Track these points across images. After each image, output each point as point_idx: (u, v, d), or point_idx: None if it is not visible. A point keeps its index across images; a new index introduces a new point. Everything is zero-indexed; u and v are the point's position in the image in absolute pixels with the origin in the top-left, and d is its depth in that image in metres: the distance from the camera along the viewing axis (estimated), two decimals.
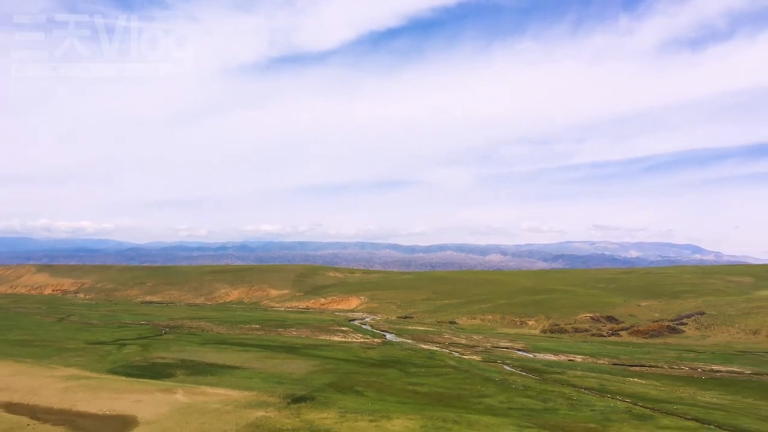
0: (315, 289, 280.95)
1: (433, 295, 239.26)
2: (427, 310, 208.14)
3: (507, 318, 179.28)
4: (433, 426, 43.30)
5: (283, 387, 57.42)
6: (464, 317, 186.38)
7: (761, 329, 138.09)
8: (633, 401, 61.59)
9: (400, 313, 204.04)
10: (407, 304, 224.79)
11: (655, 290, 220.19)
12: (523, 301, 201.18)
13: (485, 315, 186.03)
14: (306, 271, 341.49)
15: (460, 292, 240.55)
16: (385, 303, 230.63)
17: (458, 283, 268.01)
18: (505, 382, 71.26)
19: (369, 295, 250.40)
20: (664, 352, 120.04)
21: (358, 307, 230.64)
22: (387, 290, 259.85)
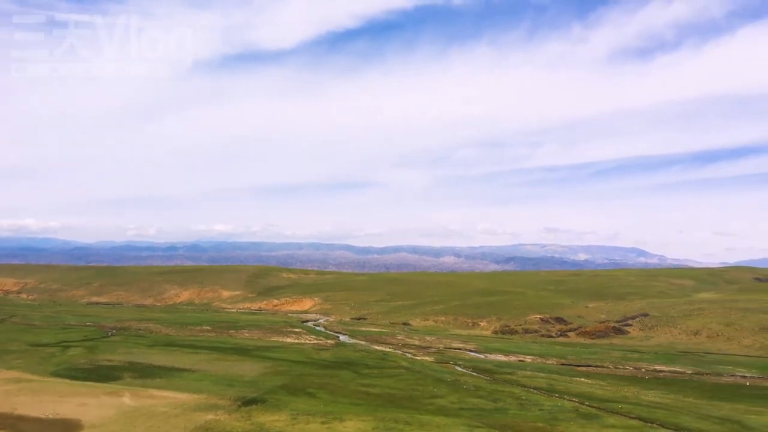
0: (268, 290, 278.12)
1: (387, 297, 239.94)
2: (381, 311, 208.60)
3: (460, 319, 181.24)
4: (385, 427, 43.51)
5: (234, 389, 56.72)
6: (418, 318, 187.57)
7: (702, 330, 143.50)
8: (580, 401, 63.21)
9: (354, 315, 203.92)
10: (361, 305, 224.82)
11: (602, 292, 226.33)
12: (476, 302, 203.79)
13: (438, 316, 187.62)
14: (259, 271, 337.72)
15: (413, 293, 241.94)
16: (339, 304, 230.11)
17: (412, 285, 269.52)
18: (457, 382, 72.10)
19: (323, 296, 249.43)
20: (610, 352, 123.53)
21: (312, 309, 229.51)
22: (341, 291, 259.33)
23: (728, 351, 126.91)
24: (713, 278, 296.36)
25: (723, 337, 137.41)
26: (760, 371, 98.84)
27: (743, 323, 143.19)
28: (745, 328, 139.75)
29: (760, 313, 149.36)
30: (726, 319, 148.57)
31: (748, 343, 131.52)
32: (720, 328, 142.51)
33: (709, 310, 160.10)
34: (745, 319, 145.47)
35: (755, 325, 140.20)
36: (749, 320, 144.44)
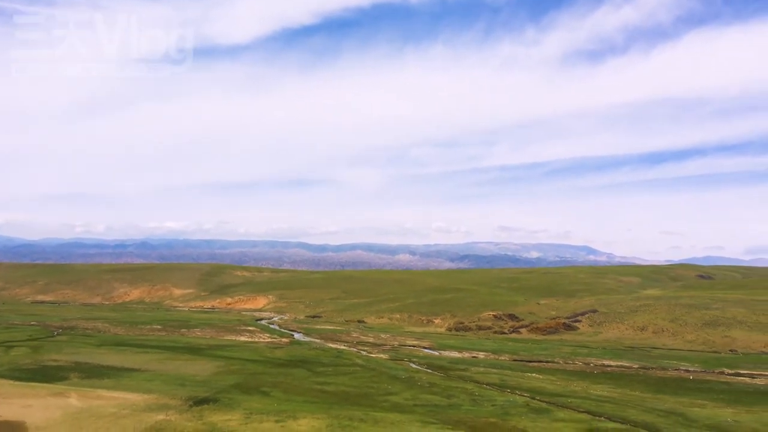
0: (221, 289, 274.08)
1: (342, 295, 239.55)
2: (336, 309, 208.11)
3: (414, 317, 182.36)
4: (339, 425, 43.41)
5: (186, 389, 55.67)
6: (373, 316, 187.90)
7: (648, 326, 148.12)
8: (531, 395, 64.41)
9: (308, 313, 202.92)
10: (316, 303, 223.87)
11: (553, 289, 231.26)
12: (430, 300, 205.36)
13: (393, 314, 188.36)
14: (212, 269, 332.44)
15: (369, 291, 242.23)
16: (293, 302, 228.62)
17: (367, 283, 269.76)
18: (411, 379, 72.53)
19: (277, 294, 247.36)
20: (560, 348, 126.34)
21: (266, 307, 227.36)
22: (296, 289, 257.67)
23: (673, 346, 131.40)
24: (659, 276, 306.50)
25: (668, 333, 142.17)
26: (702, 365, 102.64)
27: (687, 319, 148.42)
28: (688, 324, 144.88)
29: (703, 309, 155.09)
30: (671, 315, 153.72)
31: (691, 338, 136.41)
32: (665, 324, 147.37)
33: (655, 306, 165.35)
34: (689, 315, 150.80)
35: (698, 321, 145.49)
36: (693, 316, 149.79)
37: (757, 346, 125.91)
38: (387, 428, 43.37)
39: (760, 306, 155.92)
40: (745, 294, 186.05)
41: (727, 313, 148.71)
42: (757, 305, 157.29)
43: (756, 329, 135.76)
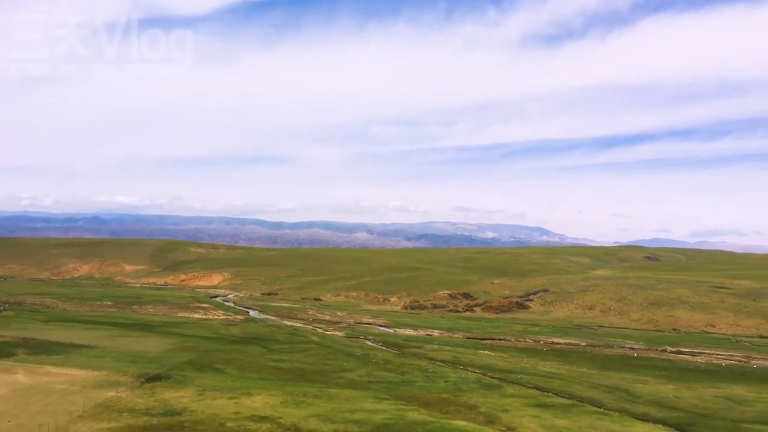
0: (175, 265, 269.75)
1: (299, 272, 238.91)
2: (292, 286, 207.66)
3: (371, 295, 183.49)
4: (294, 401, 43.67)
5: (137, 366, 54.99)
6: (329, 294, 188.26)
7: (596, 305, 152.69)
8: (483, 372, 65.93)
9: (264, 290, 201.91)
10: (272, 280, 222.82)
11: (507, 269, 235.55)
12: (387, 278, 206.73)
13: (350, 292, 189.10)
14: (165, 246, 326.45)
15: (326, 269, 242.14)
16: (249, 279, 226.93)
17: (324, 261, 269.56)
18: (367, 356, 73.26)
19: (233, 271, 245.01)
20: (512, 326, 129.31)
21: (221, 284, 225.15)
22: (252, 266, 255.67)
23: (619, 324, 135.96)
24: (608, 256, 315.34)
25: (615, 312, 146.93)
26: (646, 343, 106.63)
27: (633, 299, 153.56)
28: (634, 303, 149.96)
29: (648, 289, 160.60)
30: (618, 294, 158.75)
31: (636, 317, 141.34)
32: (612, 303, 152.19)
33: (603, 286, 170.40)
34: (635, 295, 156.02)
35: (644, 301, 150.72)
36: (638, 296, 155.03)
37: (698, 326, 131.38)
38: (341, 404, 43.84)
39: (702, 287, 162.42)
40: (688, 275, 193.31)
41: (672, 294, 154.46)
42: (700, 286, 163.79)
43: (698, 309, 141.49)
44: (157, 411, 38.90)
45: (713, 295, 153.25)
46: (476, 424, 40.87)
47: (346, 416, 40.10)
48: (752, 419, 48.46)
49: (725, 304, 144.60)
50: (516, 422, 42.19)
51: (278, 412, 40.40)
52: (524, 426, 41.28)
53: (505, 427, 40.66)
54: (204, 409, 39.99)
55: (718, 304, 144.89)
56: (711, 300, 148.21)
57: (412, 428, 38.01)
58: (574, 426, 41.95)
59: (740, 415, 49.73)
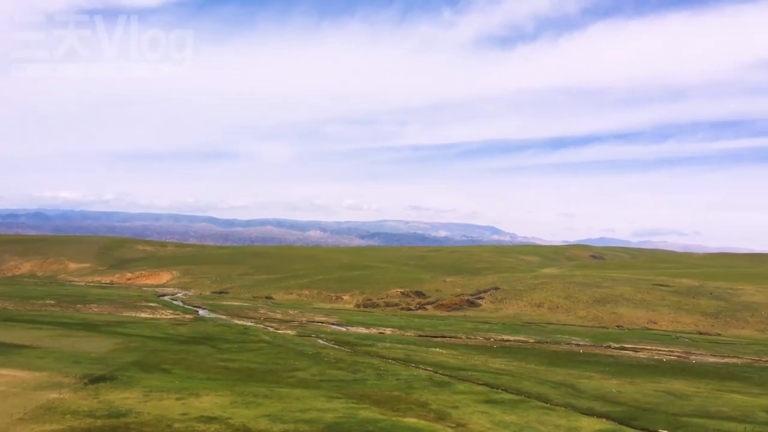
0: (121, 263, 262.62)
1: (250, 270, 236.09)
2: (243, 285, 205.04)
3: (323, 293, 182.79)
4: (243, 401, 43.14)
5: (80, 367, 53.30)
6: (281, 292, 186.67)
7: (544, 303, 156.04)
8: (434, 369, 66.51)
9: (215, 288, 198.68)
10: (223, 279, 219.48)
11: (459, 267, 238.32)
12: (340, 276, 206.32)
13: (302, 290, 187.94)
14: (111, 243, 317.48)
15: (278, 267, 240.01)
16: (199, 278, 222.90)
17: (277, 259, 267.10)
18: (318, 355, 72.94)
19: (182, 269, 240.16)
20: (463, 323, 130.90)
21: (170, 282, 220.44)
22: (202, 265, 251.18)
23: (566, 321, 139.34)
24: (556, 255, 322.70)
25: (562, 309, 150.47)
26: (592, 340, 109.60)
27: (580, 296, 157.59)
28: (581, 301, 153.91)
29: (594, 287, 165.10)
30: (565, 292, 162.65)
31: (583, 314, 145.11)
32: (560, 301, 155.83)
33: (551, 284, 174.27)
34: (582, 293, 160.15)
35: (590, 298, 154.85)
36: (585, 294, 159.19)
37: (640, 322, 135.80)
38: (292, 404, 43.54)
39: (645, 285, 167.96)
40: (632, 274, 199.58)
41: (616, 292, 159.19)
42: (642, 284, 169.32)
43: (640, 306, 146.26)
44: (102, 413, 37.85)
45: (655, 292, 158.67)
46: (427, 421, 41.21)
47: (297, 416, 39.86)
48: (691, 413, 50.40)
49: (666, 301, 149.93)
50: (466, 418, 42.74)
51: (227, 412, 39.84)
52: (474, 422, 41.86)
53: (455, 424, 41.13)
54: (150, 410, 39.11)
55: (660, 301, 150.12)
56: (653, 297, 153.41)
57: (363, 426, 38.06)
58: (522, 421, 42.78)
59: (679, 409, 51.64)
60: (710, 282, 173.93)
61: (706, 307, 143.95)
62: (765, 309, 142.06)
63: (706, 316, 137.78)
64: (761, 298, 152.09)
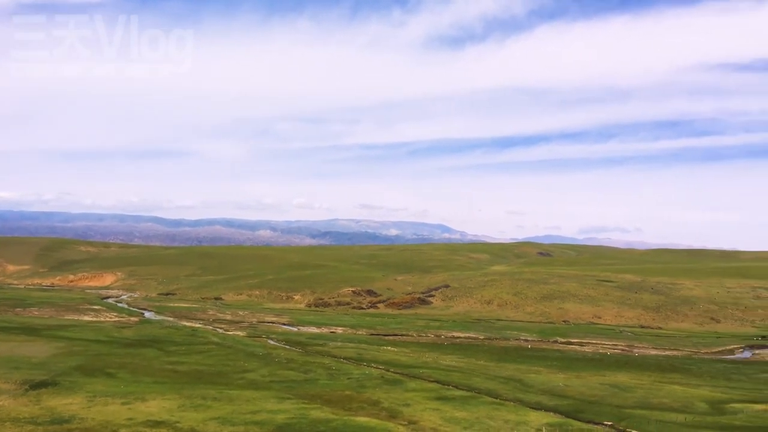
0: (63, 265, 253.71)
1: (198, 271, 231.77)
2: (191, 286, 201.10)
3: (274, 293, 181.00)
4: (192, 404, 42.33)
5: (20, 372, 51.22)
6: (231, 293, 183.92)
7: (493, 300, 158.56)
8: (386, 368, 66.74)
9: (161, 290, 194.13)
10: (170, 280, 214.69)
11: (410, 265, 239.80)
12: (291, 276, 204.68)
13: (252, 290, 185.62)
14: (52, 244, 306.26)
15: (227, 267, 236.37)
16: (145, 279, 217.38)
17: (226, 259, 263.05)
18: (269, 356, 72.19)
19: (127, 271, 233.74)
20: (415, 321, 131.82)
21: (114, 284, 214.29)
22: (148, 266, 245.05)
23: (515, 318, 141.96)
24: (505, 253, 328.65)
25: (511, 306, 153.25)
26: (539, 335, 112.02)
27: (528, 293, 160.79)
28: (529, 297, 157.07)
29: (542, 284, 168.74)
30: (514, 289, 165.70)
31: (531, 310, 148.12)
32: (509, 298, 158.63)
33: (500, 281, 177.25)
34: (530, 290, 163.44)
35: (537, 295, 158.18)
36: (533, 290, 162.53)
37: (586, 317, 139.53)
38: (242, 405, 42.95)
39: (590, 281, 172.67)
40: (578, 270, 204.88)
41: (563, 288, 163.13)
42: (587, 280, 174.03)
43: (586, 302, 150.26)
44: (44, 419, 36.49)
45: (599, 288, 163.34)
46: (379, 419, 41.31)
47: (247, 417, 39.34)
48: (633, 405, 52.12)
49: (610, 296, 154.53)
50: (417, 416, 43.03)
51: (175, 416, 39.00)
52: (425, 419, 42.19)
53: (406, 421, 41.35)
54: (95, 416, 37.94)
55: (604, 296, 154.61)
56: (597, 293, 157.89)
57: (314, 426, 37.86)
58: (472, 417, 43.36)
59: (623, 401, 53.33)
60: (651, 277, 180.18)
61: (647, 302, 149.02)
62: (703, 303, 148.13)
63: (648, 311, 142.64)
64: (699, 292, 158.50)
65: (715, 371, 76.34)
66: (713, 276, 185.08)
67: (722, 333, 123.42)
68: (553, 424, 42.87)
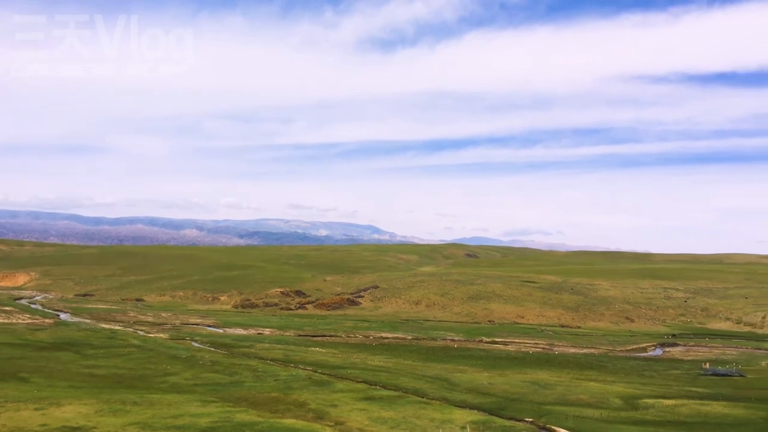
0: None
1: (119, 271, 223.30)
2: (111, 286, 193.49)
3: (199, 294, 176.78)
4: (110, 409, 40.77)
5: None
6: (153, 294, 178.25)
7: (422, 300, 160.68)
8: (314, 369, 66.44)
9: (78, 291, 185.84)
10: (88, 280, 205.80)
11: (339, 266, 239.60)
12: (217, 277, 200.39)
13: (176, 291, 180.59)
14: None
15: (150, 268, 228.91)
16: (61, 279, 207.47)
17: (148, 259, 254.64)
18: (193, 358, 70.44)
19: (42, 270, 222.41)
20: (344, 322, 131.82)
21: (28, 284, 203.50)
22: (64, 265, 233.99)
23: (442, 318, 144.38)
24: (434, 254, 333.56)
25: (438, 306, 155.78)
26: (465, 335, 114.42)
27: (455, 293, 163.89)
28: (456, 298, 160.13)
29: (468, 284, 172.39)
30: (442, 290, 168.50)
31: (458, 310, 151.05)
32: (436, 298, 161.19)
33: (428, 282, 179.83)
34: (457, 290, 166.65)
35: (464, 295, 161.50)
36: (460, 291, 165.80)
37: (510, 317, 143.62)
38: (163, 410, 41.72)
39: (514, 282, 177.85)
40: (503, 271, 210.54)
41: (488, 288, 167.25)
42: (512, 281, 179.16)
43: (510, 302, 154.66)
44: None
45: (523, 288, 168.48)
46: (305, 421, 41.10)
47: (169, 422, 38.25)
48: (553, 401, 54.09)
49: (533, 296, 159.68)
50: (345, 416, 43.09)
51: (92, 421, 37.46)
52: (352, 420, 42.30)
53: (333, 422, 41.33)
54: (5, 422, 35.92)
55: (527, 297, 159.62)
56: (521, 293, 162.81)
57: (239, 429, 37.26)
58: (399, 416, 43.82)
59: (543, 398, 55.24)
60: (571, 278, 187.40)
61: (567, 302, 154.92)
62: (618, 303, 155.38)
63: (568, 310, 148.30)
64: (615, 292, 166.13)
65: (629, 368, 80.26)
66: (628, 277, 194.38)
67: (636, 331, 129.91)
68: (477, 421, 43.89)
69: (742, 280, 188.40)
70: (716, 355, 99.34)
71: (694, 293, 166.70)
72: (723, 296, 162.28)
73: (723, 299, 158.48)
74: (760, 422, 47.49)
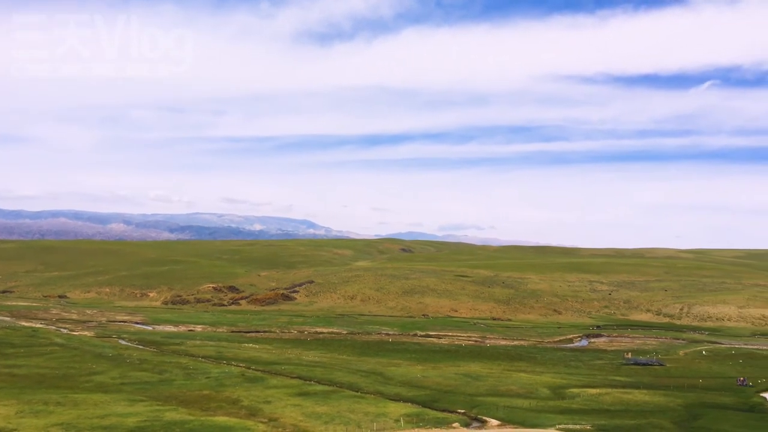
0: None
1: (40, 267, 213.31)
2: (32, 283, 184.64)
3: (127, 290, 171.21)
4: (32, 410, 39.04)
5: None
6: (77, 290, 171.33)
7: (357, 295, 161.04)
8: (247, 365, 65.57)
9: None
10: (7, 276, 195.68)
11: (274, 261, 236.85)
12: (145, 272, 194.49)
13: (102, 288, 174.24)
14: None
15: (73, 263, 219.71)
16: None
17: (72, 254, 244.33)
18: (120, 357, 68.23)
19: None
20: (278, 318, 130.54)
21: None
22: None
23: (377, 312, 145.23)
24: (369, 249, 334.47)
25: (374, 301, 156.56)
26: (400, 329, 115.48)
27: (390, 288, 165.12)
28: (391, 293, 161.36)
29: (403, 279, 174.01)
30: (377, 284, 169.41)
31: (392, 305, 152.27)
32: (372, 293, 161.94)
33: (364, 277, 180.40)
34: (392, 285, 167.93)
35: (399, 290, 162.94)
36: (395, 285, 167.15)
37: (444, 311, 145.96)
38: (89, 410, 40.27)
39: (448, 276, 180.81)
40: (437, 266, 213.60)
41: (423, 283, 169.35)
42: (446, 275, 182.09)
43: (444, 296, 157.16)
44: None
45: (456, 282, 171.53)
46: (238, 418, 40.58)
47: (95, 422, 36.96)
48: (485, 392, 55.45)
49: (466, 290, 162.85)
50: (278, 413, 42.79)
51: (12, 423, 35.76)
52: (286, 415, 42.07)
53: (267, 419, 40.98)
54: None
55: (461, 291, 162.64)
56: (454, 287, 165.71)
57: (169, 429, 36.40)
58: (334, 411, 43.88)
59: (475, 390, 56.54)
60: (503, 272, 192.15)
61: (499, 295, 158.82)
62: (547, 296, 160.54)
63: (499, 303, 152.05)
64: (544, 286, 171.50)
65: (556, 359, 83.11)
66: (556, 271, 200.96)
67: (563, 323, 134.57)
68: (411, 414, 44.49)
69: (662, 274, 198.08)
70: (638, 345, 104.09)
71: (617, 286, 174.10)
72: (644, 289, 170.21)
73: (644, 292, 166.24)
74: (679, 409, 50.23)
